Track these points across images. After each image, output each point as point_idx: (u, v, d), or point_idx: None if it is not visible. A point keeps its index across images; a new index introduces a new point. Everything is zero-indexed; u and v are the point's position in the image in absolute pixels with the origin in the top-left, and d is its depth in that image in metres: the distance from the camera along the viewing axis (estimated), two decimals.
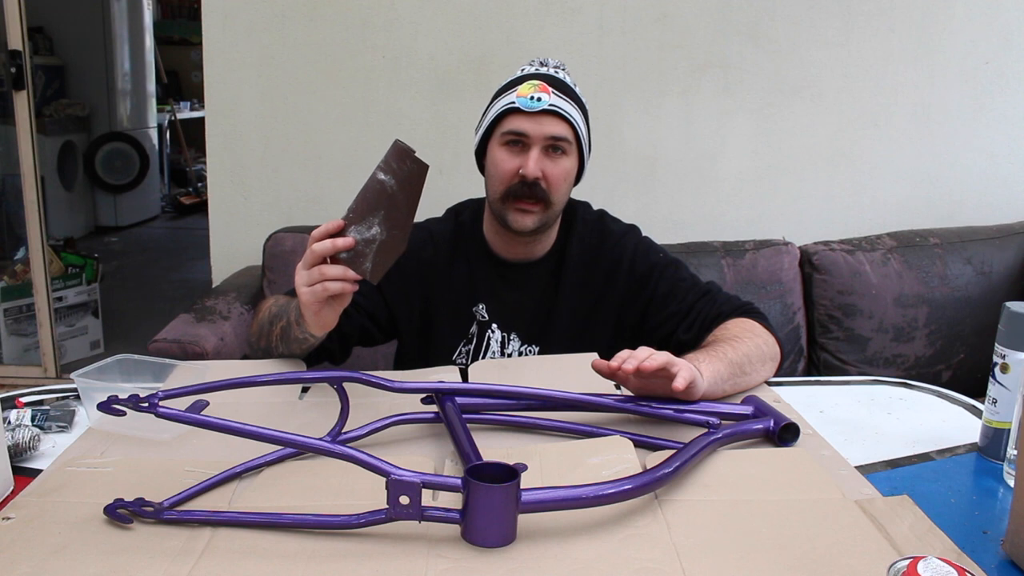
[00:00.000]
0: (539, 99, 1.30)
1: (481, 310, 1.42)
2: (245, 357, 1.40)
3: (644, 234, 1.48)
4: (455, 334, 1.43)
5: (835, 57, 2.40)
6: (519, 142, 1.32)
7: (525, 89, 1.31)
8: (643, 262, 1.41)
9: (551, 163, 1.32)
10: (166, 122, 6.42)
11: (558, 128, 1.31)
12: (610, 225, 1.46)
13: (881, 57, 2.40)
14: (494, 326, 1.42)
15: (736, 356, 1.20)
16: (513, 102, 1.31)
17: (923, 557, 0.65)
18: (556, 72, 1.37)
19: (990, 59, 2.41)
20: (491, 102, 1.38)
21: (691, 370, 1.07)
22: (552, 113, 1.31)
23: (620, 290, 1.41)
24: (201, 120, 2.59)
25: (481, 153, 1.40)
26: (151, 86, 6.02)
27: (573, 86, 1.37)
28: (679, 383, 1.04)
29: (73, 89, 5.44)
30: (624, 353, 1.07)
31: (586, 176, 1.43)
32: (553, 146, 1.32)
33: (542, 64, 1.39)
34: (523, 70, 1.38)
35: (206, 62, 2.38)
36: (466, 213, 1.48)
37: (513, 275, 1.43)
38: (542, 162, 1.31)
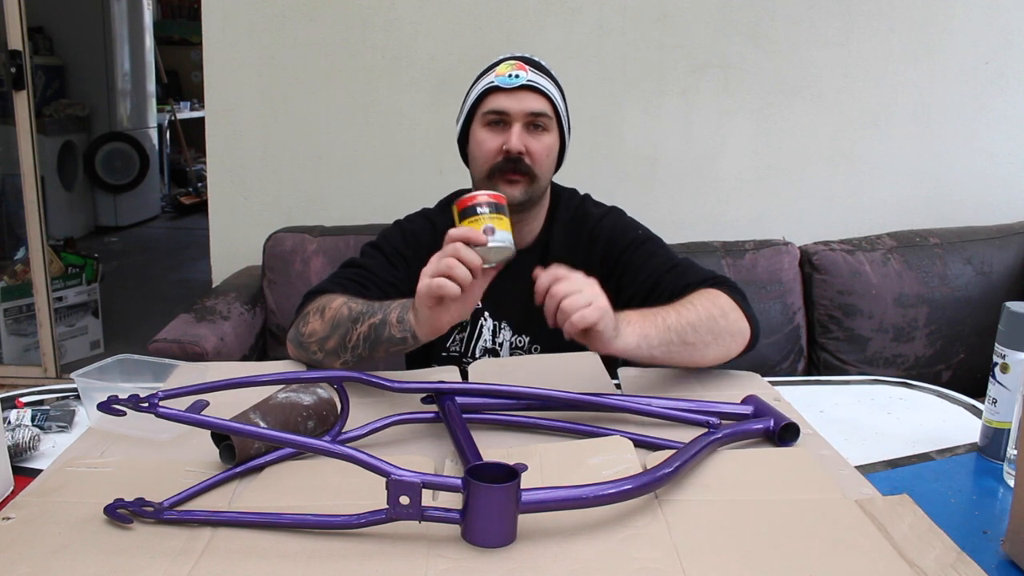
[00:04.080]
0: (517, 76, 1.33)
1: None
2: (244, 358, 1.40)
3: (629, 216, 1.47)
4: None
5: (835, 57, 2.40)
6: (501, 121, 1.35)
7: (503, 68, 1.36)
8: (620, 240, 1.41)
9: (533, 139, 1.35)
10: (166, 122, 6.43)
11: (538, 103, 1.34)
12: (590, 208, 1.47)
13: (881, 57, 2.40)
14: (486, 314, 1.43)
15: (677, 323, 1.17)
16: (492, 81, 1.35)
17: None
18: (532, 57, 1.41)
19: (990, 59, 2.41)
20: (469, 89, 1.42)
21: (599, 312, 1.06)
22: (531, 89, 1.34)
23: (599, 271, 1.35)
24: (201, 120, 2.59)
25: (464, 141, 1.43)
26: (151, 86, 6.02)
27: (550, 69, 1.41)
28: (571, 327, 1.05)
29: (73, 89, 5.45)
30: (559, 292, 1.08)
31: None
32: (534, 123, 1.35)
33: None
34: (500, 56, 1.42)
35: (206, 62, 2.38)
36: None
37: None
38: (524, 138, 1.34)
